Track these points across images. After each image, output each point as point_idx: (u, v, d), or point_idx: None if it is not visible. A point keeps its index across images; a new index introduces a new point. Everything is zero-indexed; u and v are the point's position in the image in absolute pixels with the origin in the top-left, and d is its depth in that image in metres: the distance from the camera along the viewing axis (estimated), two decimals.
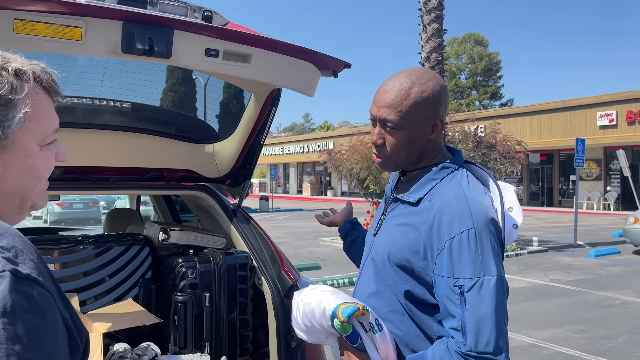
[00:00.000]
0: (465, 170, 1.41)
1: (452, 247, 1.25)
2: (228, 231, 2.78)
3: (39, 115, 0.86)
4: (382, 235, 1.44)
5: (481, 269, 1.22)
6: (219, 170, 2.77)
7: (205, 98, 2.60)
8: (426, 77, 1.38)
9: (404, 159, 1.42)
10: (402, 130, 1.37)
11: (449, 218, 1.27)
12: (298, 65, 1.93)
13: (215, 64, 1.77)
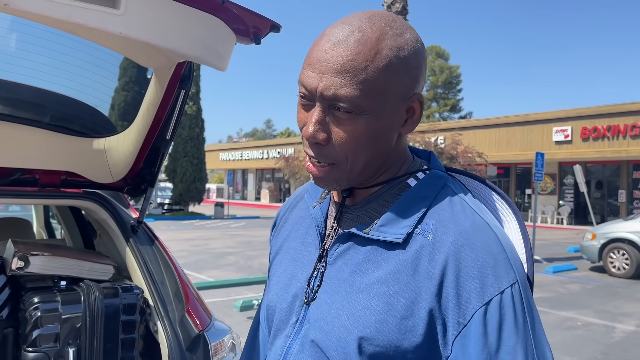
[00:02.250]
0: (454, 180, 0.84)
1: (488, 319, 0.70)
2: (123, 255, 2.09)
3: None
4: (329, 303, 0.79)
5: (535, 353, 0.71)
6: (113, 173, 2.08)
7: (87, 73, 1.90)
8: (400, 24, 0.77)
9: (362, 169, 0.79)
10: (365, 115, 0.74)
11: (478, 267, 0.72)
12: (199, 20, 1.29)
13: (60, 4, 1.11)
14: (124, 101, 2.05)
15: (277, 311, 0.87)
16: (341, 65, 0.72)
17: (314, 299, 0.81)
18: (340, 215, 0.84)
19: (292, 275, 0.86)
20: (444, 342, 0.72)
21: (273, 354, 0.85)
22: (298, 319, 0.82)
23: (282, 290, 0.86)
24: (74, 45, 1.82)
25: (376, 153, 0.78)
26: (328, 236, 0.84)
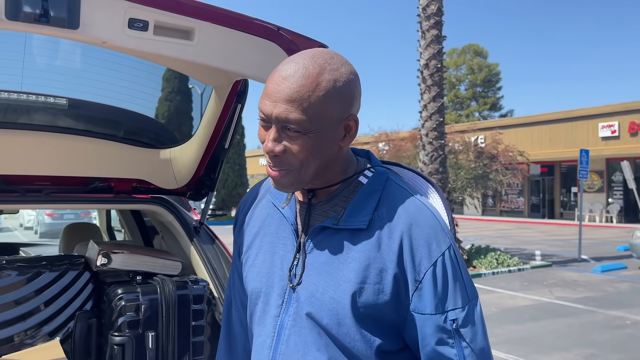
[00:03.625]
0: (391, 171, 1.11)
1: (436, 275, 0.98)
2: (188, 253, 2.33)
3: None
4: (316, 281, 1.01)
5: (467, 293, 1.01)
6: (177, 180, 2.33)
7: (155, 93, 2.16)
8: (337, 60, 0.99)
9: (312, 174, 1.01)
10: (310, 134, 0.96)
11: (424, 238, 0.99)
12: (258, 45, 1.50)
13: (144, 39, 1.34)
14: (184, 115, 2.30)
15: (261, 296, 1.07)
16: (289, 95, 0.94)
17: (300, 283, 1.02)
18: (308, 213, 1.05)
19: (271, 264, 1.07)
20: (406, 296, 0.99)
21: (265, 332, 1.06)
22: (284, 301, 1.03)
23: (265, 278, 1.07)
24: (143, 67, 2.08)
25: (322, 161, 1.00)
26: (302, 231, 1.05)
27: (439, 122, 11.47)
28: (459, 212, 24.43)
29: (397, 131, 15.66)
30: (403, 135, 14.66)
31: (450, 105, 48.47)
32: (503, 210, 29.90)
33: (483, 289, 9.68)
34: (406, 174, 1.15)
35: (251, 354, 1.10)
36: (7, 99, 1.97)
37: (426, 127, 11.54)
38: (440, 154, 11.47)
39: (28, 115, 2.07)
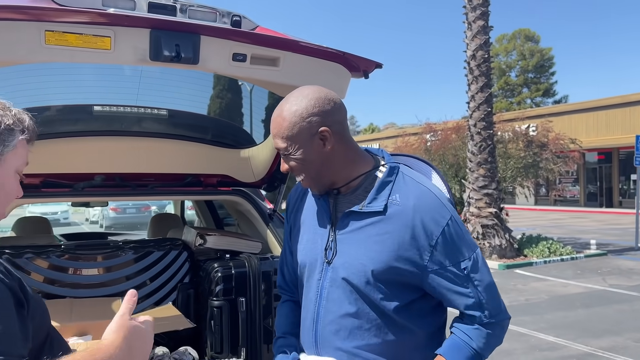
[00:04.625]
0: (401, 164, 1.45)
1: (446, 238, 1.34)
2: (264, 236, 2.77)
3: (21, 149, 1.14)
4: (348, 253, 1.38)
5: (470, 246, 1.37)
6: (255, 174, 2.77)
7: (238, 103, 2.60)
8: (299, 94, 1.37)
9: (319, 177, 1.40)
10: (295, 154, 1.35)
11: (431, 215, 1.34)
12: (327, 67, 1.89)
13: (243, 68, 1.76)
14: (260, 120, 2.73)
15: (307, 266, 1.47)
16: (275, 133, 1.38)
17: (335, 255, 1.40)
18: (336, 204, 1.44)
19: (313, 242, 1.46)
20: (421, 258, 1.33)
21: (311, 292, 1.46)
22: (323, 269, 1.42)
23: (310, 253, 1.47)
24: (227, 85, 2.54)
25: (318, 168, 1.39)
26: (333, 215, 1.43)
27: (487, 112, 11.52)
28: (510, 202, 24.05)
29: (445, 121, 15.68)
30: (451, 125, 14.70)
31: (500, 92, 47.30)
32: (557, 199, 29.12)
33: (534, 277, 9.75)
34: (412, 161, 1.53)
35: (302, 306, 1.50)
36: (124, 112, 2.47)
37: (474, 117, 11.62)
38: (488, 143, 11.53)
39: (139, 124, 2.56)
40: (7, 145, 1.10)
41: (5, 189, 1.12)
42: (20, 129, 1.11)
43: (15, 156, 1.12)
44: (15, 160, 1.13)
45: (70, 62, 1.60)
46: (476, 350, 1.36)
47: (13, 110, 1.12)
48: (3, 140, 1.08)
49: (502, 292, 6.20)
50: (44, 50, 1.48)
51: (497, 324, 1.38)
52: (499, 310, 1.39)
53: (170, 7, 1.69)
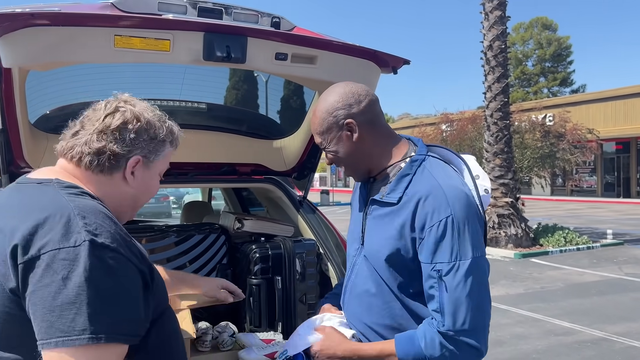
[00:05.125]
0: (431, 157, 1.51)
1: (431, 235, 1.36)
2: (295, 221, 2.97)
3: (168, 155, 1.35)
4: (371, 237, 1.53)
5: (458, 253, 1.34)
6: (286, 164, 2.96)
7: (271, 97, 2.79)
8: (327, 92, 1.54)
9: (356, 166, 1.55)
10: (329, 147, 1.52)
11: (428, 209, 1.37)
12: (360, 64, 2.06)
13: (285, 66, 1.95)
14: (292, 112, 2.91)
15: (350, 244, 1.67)
16: (312, 130, 1.56)
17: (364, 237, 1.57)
18: (370, 191, 1.60)
19: (355, 224, 1.65)
20: (414, 249, 1.40)
21: (348, 267, 1.65)
22: (358, 248, 1.59)
23: (352, 232, 1.66)
24: (261, 81, 2.73)
25: (352, 158, 1.51)
26: (366, 201, 1.60)
27: (503, 103, 11.57)
28: (526, 192, 23.97)
29: (462, 111, 15.71)
30: (468, 116, 14.74)
31: (516, 82, 46.80)
32: (574, 189, 28.94)
33: (549, 265, 9.85)
34: (448, 155, 1.56)
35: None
36: (167, 106, 2.67)
37: (490, 107, 11.68)
38: (505, 134, 11.59)
39: (181, 117, 2.75)
40: (158, 155, 1.30)
41: (150, 190, 1.33)
42: (170, 140, 1.33)
43: (162, 162, 1.32)
44: (161, 165, 1.33)
45: (135, 62, 1.80)
46: (423, 351, 1.36)
47: (167, 122, 1.33)
48: (156, 150, 1.29)
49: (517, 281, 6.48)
50: (113, 52, 1.68)
51: (452, 338, 1.33)
52: (460, 328, 1.32)
53: (217, 11, 1.87)
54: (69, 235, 1.03)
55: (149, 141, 1.28)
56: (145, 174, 1.30)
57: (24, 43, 1.59)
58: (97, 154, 1.24)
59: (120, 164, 1.26)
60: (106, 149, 1.24)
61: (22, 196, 1.17)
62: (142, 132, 1.27)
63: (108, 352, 1.00)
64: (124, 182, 1.27)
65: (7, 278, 1.02)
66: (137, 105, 1.32)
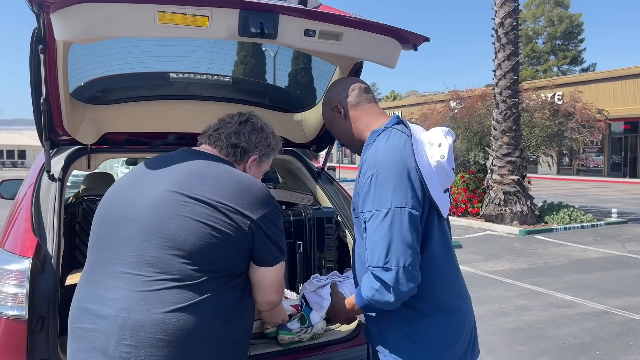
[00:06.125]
0: (392, 129, 1.73)
1: (362, 190, 1.64)
2: (314, 190, 3.12)
3: (270, 161, 1.98)
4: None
5: (378, 204, 1.58)
6: (306, 136, 3.09)
7: (293, 72, 2.91)
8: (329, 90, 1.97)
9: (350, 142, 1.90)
10: (331, 127, 1.96)
11: (364, 170, 1.67)
12: (382, 41, 2.18)
13: (312, 42, 2.06)
14: (312, 86, 3.04)
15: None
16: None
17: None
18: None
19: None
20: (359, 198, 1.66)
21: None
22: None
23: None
24: (285, 56, 2.85)
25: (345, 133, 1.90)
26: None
27: (513, 81, 11.58)
28: (533, 171, 24.03)
29: (472, 89, 15.69)
30: (477, 93, 14.74)
31: (526, 60, 46.28)
32: (580, 169, 28.95)
33: (554, 242, 10.02)
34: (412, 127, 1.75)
35: None
36: (195, 79, 2.80)
37: (500, 85, 11.69)
38: (513, 112, 11.63)
39: (207, 90, 2.88)
40: (269, 157, 1.92)
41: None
42: (277, 149, 1.96)
43: (268, 163, 1.95)
44: (267, 166, 1.96)
45: (176, 37, 1.92)
46: (362, 294, 1.63)
47: (277, 136, 1.96)
48: (268, 154, 1.91)
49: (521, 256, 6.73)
50: (157, 28, 1.80)
51: (372, 274, 1.57)
52: (375, 264, 1.55)
53: None
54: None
55: (266, 146, 1.88)
56: (256, 170, 1.88)
57: (77, 18, 1.72)
58: (234, 147, 1.81)
59: (245, 158, 1.82)
60: (240, 145, 1.81)
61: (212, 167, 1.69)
62: (262, 139, 1.87)
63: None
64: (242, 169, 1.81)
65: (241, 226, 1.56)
66: (261, 118, 1.94)
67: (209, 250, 1.51)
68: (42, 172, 2.48)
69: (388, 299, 1.56)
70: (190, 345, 1.46)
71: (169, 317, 1.44)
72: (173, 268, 1.48)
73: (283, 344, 2.43)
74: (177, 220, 1.51)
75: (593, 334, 4.95)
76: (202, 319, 1.48)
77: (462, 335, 1.71)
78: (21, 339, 1.94)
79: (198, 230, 1.50)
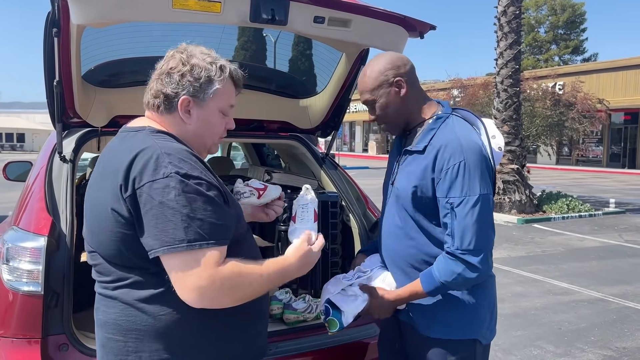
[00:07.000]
0: (454, 116, 1.81)
1: (447, 175, 1.67)
2: (318, 175, 3.18)
3: (224, 93, 1.48)
4: (401, 180, 1.83)
5: (468, 190, 1.65)
6: (311, 122, 3.14)
7: (299, 58, 2.95)
8: (375, 59, 1.84)
9: (396, 120, 1.84)
10: (379, 101, 1.80)
11: (447, 155, 1.68)
12: (390, 28, 2.22)
13: (322, 29, 2.11)
14: (318, 73, 3.08)
15: (384, 190, 1.96)
16: (362, 89, 1.82)
17: (394, 182, 1.87)
18: (404, 144, 1.88)
19: (390, 170, 1.95)
20: (433, 187, 1.71)
21: (382, 209, 1.96)
22: (390, 190, 1.89)
23: (385, 180, 1.96)
24: (291, 43, 2.88)
25: (396, 111, 1.80)
26: (401, 153, 1.88)
27: (514, 70, 11.58)
28: (532, 161, 24.10)
29: (474, 77, 15.68)
30: (479, 82, 14.74)
31: (527, 49, 46.08)
32: (579, 159, 29.02)
33: (551, 231, 10.12)
34: (468, 115, 1.86)
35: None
36: None
37: (501, 74, 11.70)
38: (514, 101, 11.65)
39: None
40: (207, 93, 1.43)
41: (211, 127, 1.49)
42: (220, 79, 1.44)
43: (219, 99, 1.46)
44: (219, 102, 1.46)
45: (190, 22, 1.96)
46: (439, 279, 1.68)
47: (219, 62, 1.46)
48: (204, 90, 1.43)
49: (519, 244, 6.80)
50: (171, 13, 1.85)
51: (458, 258, 1.64)
52: (465, 248, 1.63)
53: None
54: (159, 170, 1.28)
55: (193, 82, 1.41)
56: (201, 112, 1.44)
57: (94, 2, 1.76)
58: (155, 97, 1.44)
59: (174, 105, 1.43)
60: (160, 92, 1.43)
61: (122, 142, 1.42)
62: (185, 74, 1.41)
63: (208, 255, 1.26)
64: (182, 121, 1.45)
65: (121, 209, 1.30)
66: (186, 51, 1.45)
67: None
68: (54, 154, 2.53)
69: (470, 279, 1.66)
70: None
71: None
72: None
73: (288, 323, 2.51)
74: None
75: (588, 320, 5.05)
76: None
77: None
78: (37, 314, 2.01)
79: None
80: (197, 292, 1.25)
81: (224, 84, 1.46)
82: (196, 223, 1.25)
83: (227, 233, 1.33)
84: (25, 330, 2.00)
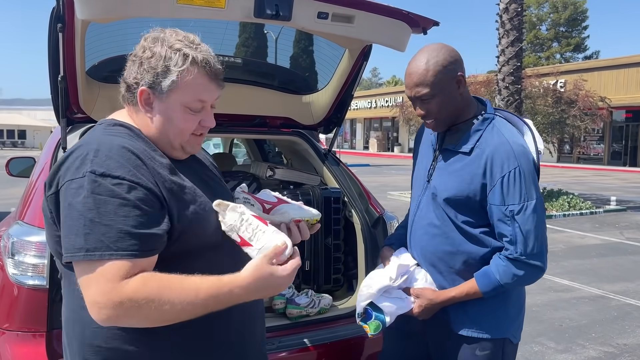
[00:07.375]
0: (498, 117, 1.79)
1: (503, 183, 1.66)
2: (320, 172, 3.19)
3: (188, 86, 1.25)
4: (440, 179, 1.81)
5: (525, 196, 1.66)
6: (314, 118, 3.15)
7: (302, 55, 2.96)
8: (433, 50, 1.72)
9: (448, 117, 1.77)
10: (438, 95, 1.71)
11: (499, 161, 1.67)
12: (393, 24, 2.23)
13: (325, 24, 2.11)
14: (321, 69, 3.08)
15: (415, 185, 1.93)
16: (416, 82, 1.72)
17: (431, 178, 1.83)
18: (442, 141, 1.85)
19: (423, 169, 1.90)
20: (483, 193, 1.70)
21: (413, 204, 1.93)
22: (424, 187, 1.86)
23: (419, 173, 1.93)
24: (294, 38, 2.89)
25: (451, 109, 1.75)
26: (437, 149, 1.85)
27: (516, 67, 11.57)
28: None
29: (475, 75, 15.65)
30: (480, 79, 14.72)
31: (529, 47, 45.98)
32: (580, 157, 28.99)
33: (552, 228, 10.11)
34: (511, 117, 1.83)
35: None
36: None
37: (503, 71, 11.68)
38: (516, 98, 11.64)
39: None
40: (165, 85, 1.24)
41: (173, 122, 1.28)
42: (181, 70, 1.22)
43: (183, 93, 1.24)
44: (182, 96, 1.25)
45: (194, 18, 1.97)
46: (499, 281, 1.69)
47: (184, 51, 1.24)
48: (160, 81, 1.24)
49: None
50: (176, 8, 1.85)
51: (523, 263, 1.66)
52: (530, 252, 1.66)
53: None
54: (81, 168, 1.15)
55: (149, 71, 1.24)
56: (162, 106, 1.27)
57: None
58: (121, 86, 1.31)
59: (135, 96, 1.27)
60: (123, 81, 1.30)
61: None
62: (144, 62, 1.25)
63: (108, 266, 1.10)
64: (144, 113, 1.29)
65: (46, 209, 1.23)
66: (157, 37, 1.29)
67: None
68: (58, 149, 2.54)
69: (536, 279, 1.72)
70: None
71: None
72: None
73: (291, 317, 2.52)
74: None
75: (589, 317, 5.06)
76: None
77: None
78: (42, 307, 2.02)
79: None
80: (95, 308, 1.10)
81: (187, 76, 1.24)
82: (100, 229, 1.09)
83: (147, 243, 1.13)
84: (31, 324, 2.02)
